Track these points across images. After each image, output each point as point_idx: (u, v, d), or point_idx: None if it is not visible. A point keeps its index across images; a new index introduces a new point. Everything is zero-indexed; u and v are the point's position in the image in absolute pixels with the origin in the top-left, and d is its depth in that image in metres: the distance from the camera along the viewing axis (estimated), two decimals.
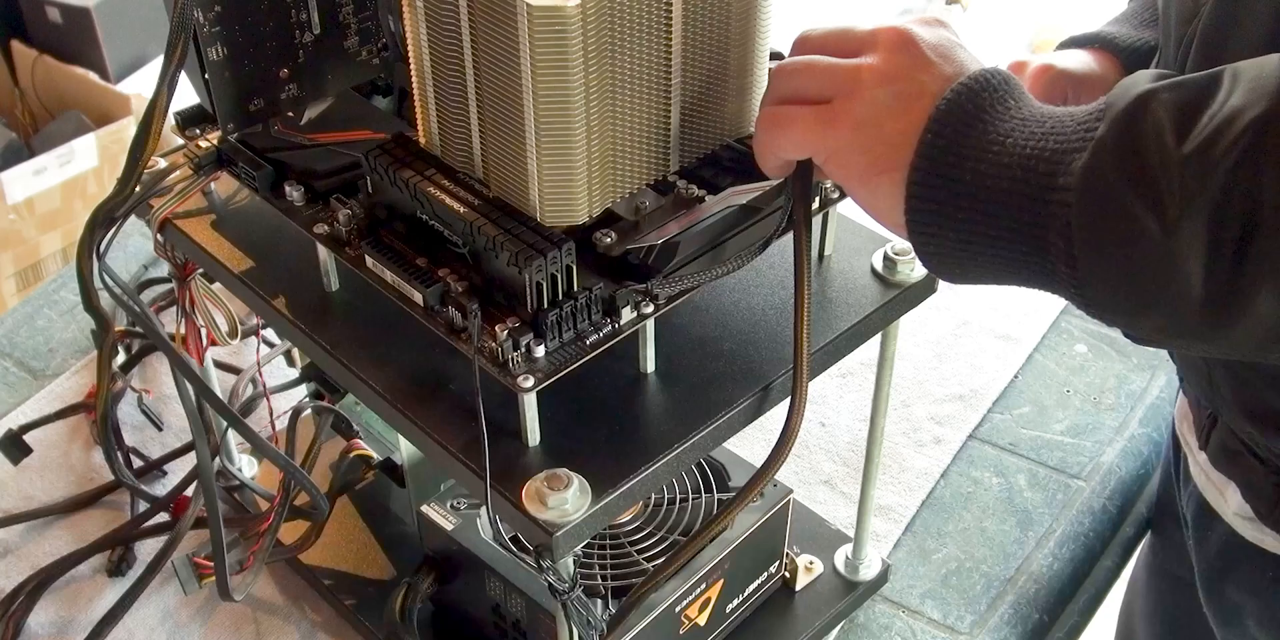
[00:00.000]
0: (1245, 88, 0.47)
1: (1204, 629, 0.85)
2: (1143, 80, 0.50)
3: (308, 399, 0.90)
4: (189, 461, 0.94)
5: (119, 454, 0.92)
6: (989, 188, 0.51)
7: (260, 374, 0.93)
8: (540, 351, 0.61)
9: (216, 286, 0.79)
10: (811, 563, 0.89)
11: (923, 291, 0.74)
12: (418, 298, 0.63)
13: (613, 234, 0.64)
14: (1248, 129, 0.46)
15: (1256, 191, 0.46)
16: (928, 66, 0.54)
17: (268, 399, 0.91)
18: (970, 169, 0.52)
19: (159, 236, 0.77)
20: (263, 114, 0.72)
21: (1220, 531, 0.78)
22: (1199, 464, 0.79)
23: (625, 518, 0.80)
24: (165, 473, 0.99)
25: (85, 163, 1.88)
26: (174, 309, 0.81)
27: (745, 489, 0.64)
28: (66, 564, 0.90)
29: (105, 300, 0.75)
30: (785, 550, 0.86)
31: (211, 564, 0.79)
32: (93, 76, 1.99)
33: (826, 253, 0.74)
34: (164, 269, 1.10)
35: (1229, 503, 0.76)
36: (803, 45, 0.59)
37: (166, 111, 0.67)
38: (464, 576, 0.80)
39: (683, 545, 0.65)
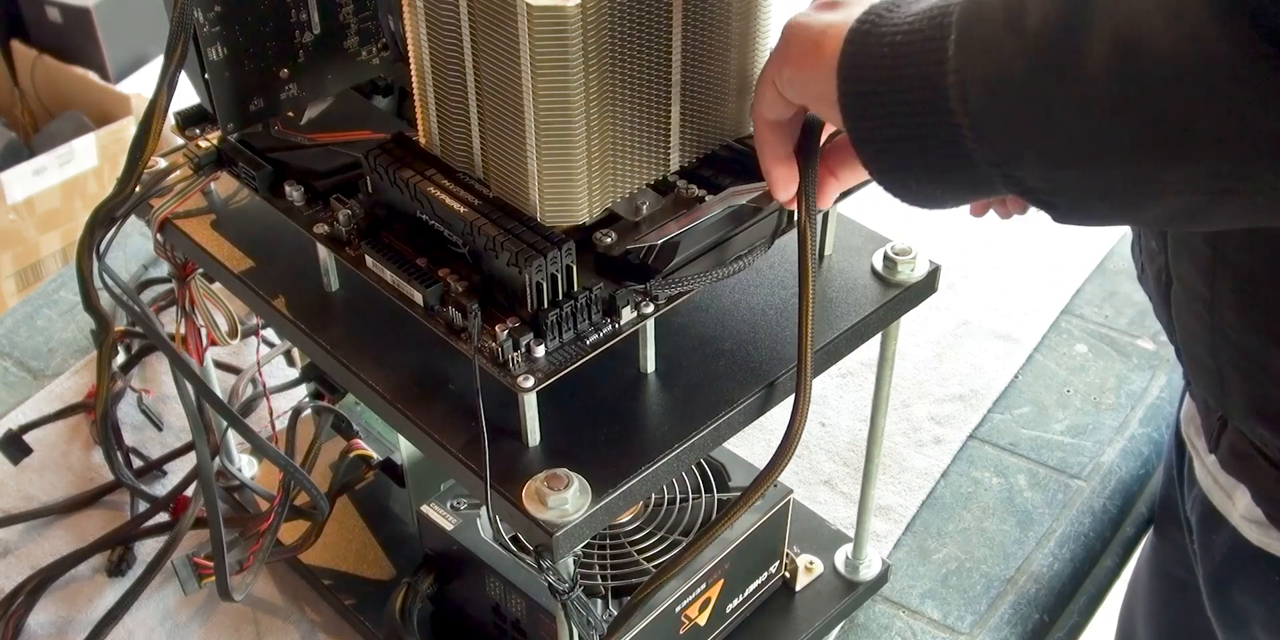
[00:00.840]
0: None
1: (1205, 631, 0.85)
2: None
3: (308, 399, 0.90)
4: (189, 461, 0.94)
5: (119, 454, 0.92)
6: (899, 56, 0.51)
7: (260, 374, 0.93)
8: (540, 351, 0.61)
9: (216, 286, 0.79)
10: (811, 563, 0.88)
11: (923, 291, 0.74)
12: (418, 298, 0.63)
13: (613, 234, 0.64)
14: None
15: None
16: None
17: (268, 399, 0.91)
18: (886, 44, 0.52)
19: (159, 236, 0.77)
20: (263, 114, 0.72)
21: (1226, 535, 0.78)
22: (1206, 467, 0.78)
23: (625, 518, 0.80)
24: (165, 473, 0.99)
25: (85, 163, 1.88)
26: (174, 309, 0.81)
27: (749, 490, 0.64)
28: (66, 564, 0.90)
29: (105, 300, 0.75)
30: (785, 550, 0.86)
31: (211, 564, 0.79)
32: (93, 76, 1.99)
33: (827, 253, 0.74)
34: (164, 269, 1.10)
35: (1237, 506, 0.76)
36: None
37: (166, 111, 0.67)
38: (464, 576, 0.80)
39: (686, 545, 0.65)
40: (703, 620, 0.80)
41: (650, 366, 0.68)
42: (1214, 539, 0.80)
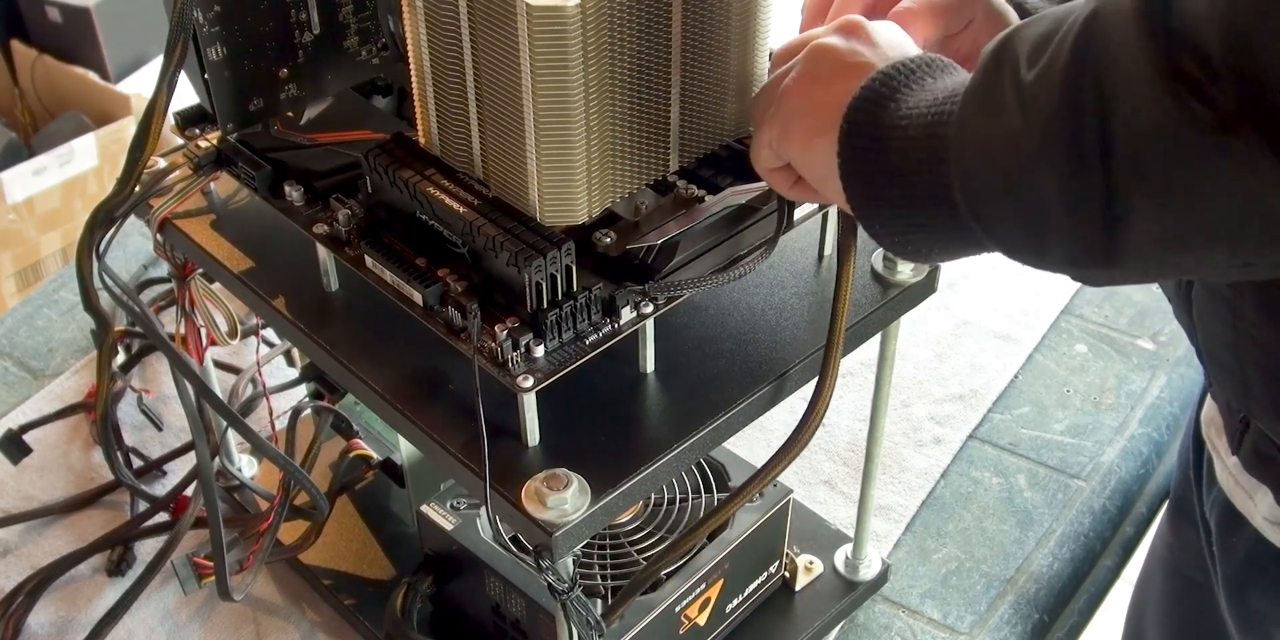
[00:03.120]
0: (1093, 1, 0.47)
1: (1218, 632, 0.84)
2: (1019, 21, 0.51)
3: (308, 399, 0.90)
4: (189, 461, 0.94)
5: (119, 454, 0.92)
6: (903, 159, 0.53)
7: (260, 374, 0.93)
8: (540, 351, 0.61)
9: (216, 286, 0.79)
10: (811, 563, 0.88)
11: (923, 291, 0.74)
12: (417, 298, 0.63)
13: (613, 234, 0.64)
14: (1073, 28, 0.46)
15: (1097, 87, 0.45)
16: (857, 54, 0.58)
17: (268, 399, 0.91)
18: (884, 149, 0.53)
19: (159, 236, 0.77)
20: (262, 114, 0.72)
21: (1247, 537, 0.78)
22: (1228, 468, 0.78)
23: (625, 518, 0.80)
24: (165, 473, 0.99)
25: (85, 163, 1.88)
26: (174, 309, 0.81)
27: (752, 482, 0.64)
28: (66, 564, 0.90)
29: (105, 300, 0.75)
30: (785, 550, 0.86)
31: (211, 564, 0.79)
32: (93, 76, 1.99)
33: (825, 253, 0.74)
34: (164, 269, 1.10)
35: (1259, 507, 0.76)
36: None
37: (166, 111, 0.67)
38: (464, 576, 0.80)
39: (685, 532, 0.65)
40: (703, 620, 0.80)
41: (650, 366, 0.68)
42: (1234, 541, 0.79)
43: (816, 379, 0.66)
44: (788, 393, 0.68)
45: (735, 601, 0.83)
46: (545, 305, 0.61)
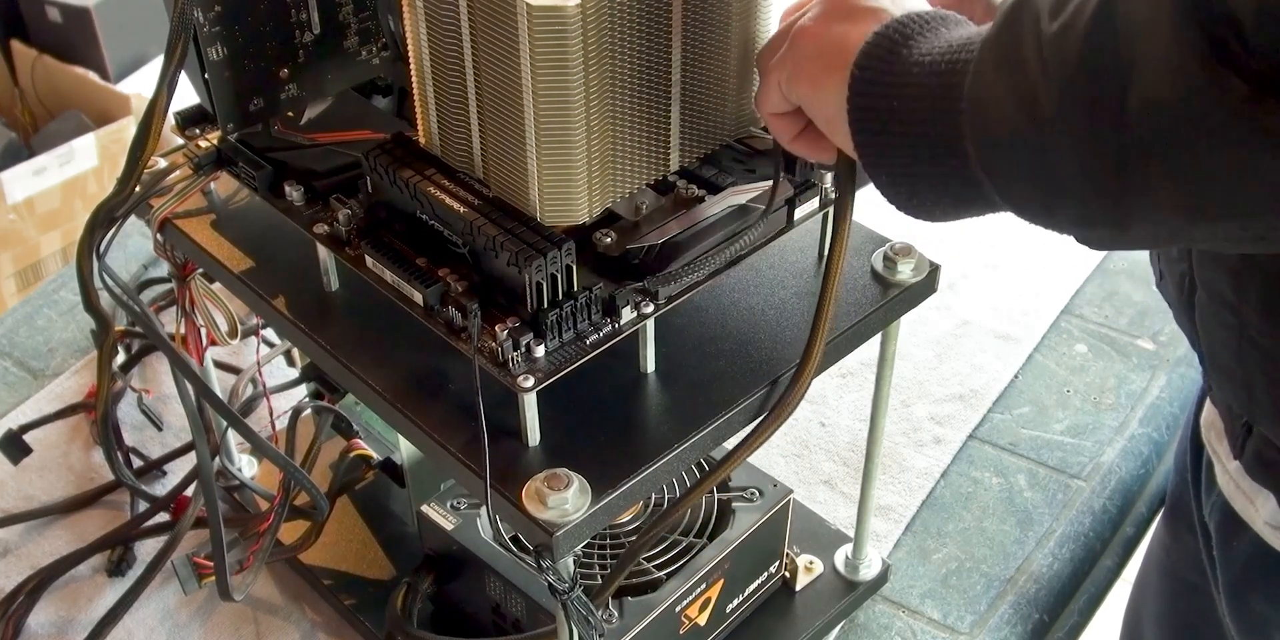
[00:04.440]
0: None
1: (1215, 634, 0.84)
2: None
3: (308, 399, 0.90)
4: (189, 461, 0.94)
5: (119, 454, 0.92)
6: (912, 110, 0.52)
7: (260, 374, 0.93)
8: (540, 351, 0.61)
9: (216, 286, 0.79)
10: (811, 563, 0.88)
11: (923, 291, 0.73)
12: (418, 298, 0.63)
13: (613, 234, 0.64)
14: None
15: (1121, 48, 0.44)
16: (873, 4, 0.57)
17: (268, 399, 0.91)
18: (895, 95, 0.52)
19: (159, 236, 0.77)
20: (263, 114, 0.72)
21: (1247, 541, 0.77)
22: (1229, 473, 0.77)
23: (625, 518, 0.80)
24: (165, 473, 0.99)
25: (85, 163, 1.88)
26: (174, 309, 0.81)
27: (728, 459, 0.63)
28: (66, 564, 0.90)
29: (105, 300, 0.75)
30: (785, 550, 0.86)
31: (211, 564, 0.79)
32: (93, 76, 1.99)
33: (826, 253, 0.74)
34: (164, 269, 1.10)
35: (1260, 512, 0.75)
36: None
37: (166, 111, 0.67)
38: (464, 576, 0.80)
39: (686, 493, 0.64)
40: (703, 620, 0.80)
41: (650, 366, 0.68)
42: (1234, 545, 0.79)
43: (805, 346, 0.66)
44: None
45: (735, 601, 0.83)
46: (546, 305, 0.61)
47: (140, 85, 2.01)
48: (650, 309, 0.64)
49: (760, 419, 0.66)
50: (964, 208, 0.54)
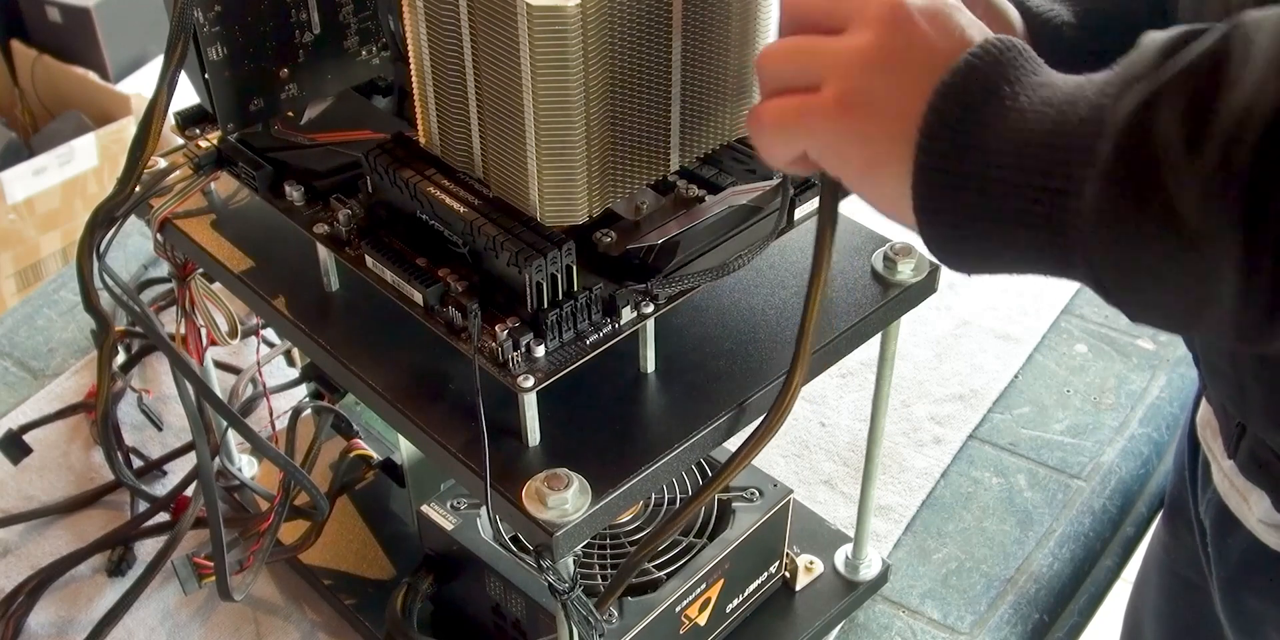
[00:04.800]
0: (1259, 65, 0.41)
1: (1215, 633, 0.84)
2: (1140, 67, 0.44)
3: (308, 399, 0.90)
4: (189, 461, 0.94)
5: (119, 454, 0.92)
6: (999, 197, 0.46)
7: (260, 374, 0.93)
8: (540, 351, 0.61)
9: (216, 286, 0.79)
10: (811, 563, 0.88)
11: (923, 291, 0.74)
12: (418, 298, 0.63)
13: (613, 234, 0.64)
14: (1261, 123, 0.40)
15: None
16: (923, 42, 0.48)
17: (268, 399, 0.91)
18: (976, 175, 0.47)
19: (159, 236, 0.77)
20: (263, 114, 0.72)
21: (1241, 538, 0.77)
22: (1223, 471, 0.78)
23: (625, 518, 0.80)
24: (165, 473, 0.99)
25: (85, 163, 1.88)
26: (174, 309, 0.81)
27: (729, 467, 0.64)
28: (66, 564, 0.90)
29: (105, 300, 0.75)
30: (785, 550, 0.86)
31: (211, 564, 0.79)
32: (93, 76, 1.99)
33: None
34: (164, 269, 1.10)
35: (1253, 510, 0.75)
36: (790, 13, 0.54)
37: (166, 111, 0.67)
38: (464, 576, 0.80)
39: (688, 502, 0.64)
40: (703, 620, 0.80)
41: (650, 366, 0.68)
42: (1229, 542, 0.79)
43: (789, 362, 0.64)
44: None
45: (735, 601, 0.83)
46: (546, 305, 0.61)
47: (140, 85, 2.01)
48: (650, 309, 0.64)
49: (756, 424, 0.65)
50: (1031, 268, 0.49)
